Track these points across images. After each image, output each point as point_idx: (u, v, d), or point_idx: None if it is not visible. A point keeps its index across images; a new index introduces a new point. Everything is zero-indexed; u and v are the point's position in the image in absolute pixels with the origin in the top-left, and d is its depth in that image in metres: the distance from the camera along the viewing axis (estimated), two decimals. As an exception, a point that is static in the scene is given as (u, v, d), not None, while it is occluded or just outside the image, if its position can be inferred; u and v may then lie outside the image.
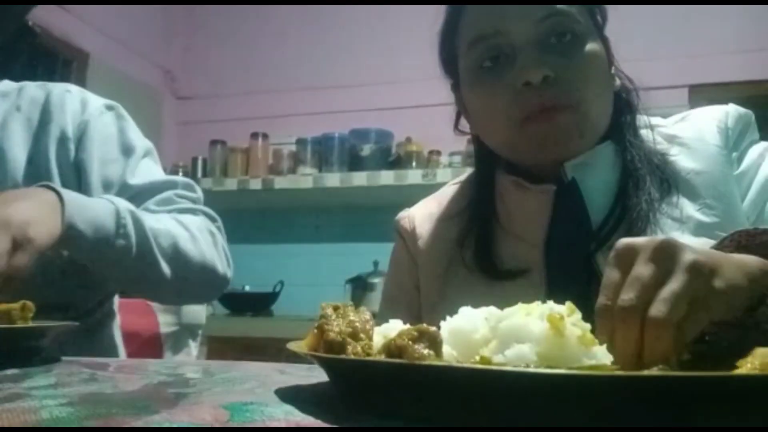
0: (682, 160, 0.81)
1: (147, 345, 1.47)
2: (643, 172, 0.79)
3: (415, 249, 0.92)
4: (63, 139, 1.00)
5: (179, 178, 1.08)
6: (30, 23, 1.08)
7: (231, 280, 1.06)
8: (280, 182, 2.99)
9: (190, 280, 0.97)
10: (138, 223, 0.88)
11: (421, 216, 0.95)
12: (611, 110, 0.82)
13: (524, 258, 0.82)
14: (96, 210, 0.85)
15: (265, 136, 3.12)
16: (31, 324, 0.67)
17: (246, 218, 3.31)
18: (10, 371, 0.57)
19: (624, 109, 0.84)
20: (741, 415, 0.33)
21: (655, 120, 0.87)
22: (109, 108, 1.07)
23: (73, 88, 1.08)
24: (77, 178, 1.00)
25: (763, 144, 0.83)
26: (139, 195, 1.01)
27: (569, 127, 0.77)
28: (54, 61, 2.68)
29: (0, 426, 0.35)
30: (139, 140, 1.08)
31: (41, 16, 1.01)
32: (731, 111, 0.84)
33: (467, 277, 0.85)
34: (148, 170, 1.05)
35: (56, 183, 0.97)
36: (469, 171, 0.97)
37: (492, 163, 0.89)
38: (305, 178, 2.96)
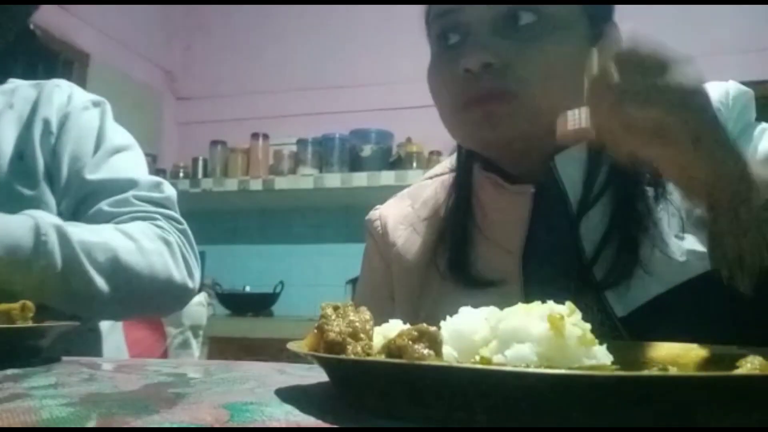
0: None
1: (152, 348, 1.47)
2: (637, 175, 0.74)
3: (388, 255, 0.87)
4: (46, 131, 1.00)
5: (145, 177, 1.01)
6: (30, 24, 1.08)
7: (195, 290, 0.99)
8: (281, 183, 3.00)
9: (138, 293, 0.91)
10: (64, 238, 0.82)
11: (394, 218, 0.89)
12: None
13: (500, 266, 0.76)
14: (10, 229, 0.80)
15: (265, 136, 3.13)
16: (31, 324, 0.67)
17: (246, 219, 3.32)
18: (10, 371, 0.57)
19: None
20: (741, 415, 0.33)
21: None
22: (95, 104, 1.05)
23: (63, 83, 1.07)
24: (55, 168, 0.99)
25: (761, 125, 0.79)
26: (95, 192, 0.97)
27: (504, 115, 0.71)
28: (54, 62, 2.68)
29: (0, 426, 0.35)
30: (117, 137, 1.04)
31: (41, 16, 1.01)
32: (732, 88, 0.79)
33: (443, 286, 0.80)
34: (116, 166, 1.00)
35: (40, 174, 0.97)
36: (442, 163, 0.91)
37: (470, 158, 0.83)
38: (306, 178, 2.97)
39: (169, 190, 1.02)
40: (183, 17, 3.54)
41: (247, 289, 3.09)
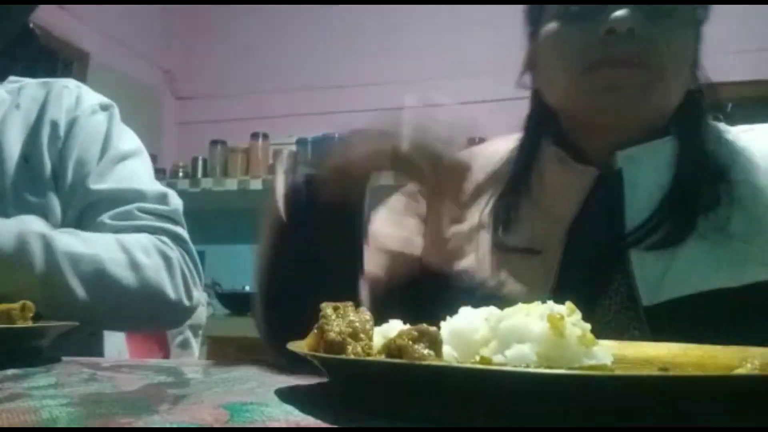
0: (746, 172, 0.75)
1: (154, 346, 1.47)
2: (697, 177, 0.74)
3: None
4: (54, 134, 0.98)
5: (151, 188, 0.99)
6: (30, 24, 1.07)
7: (193, 308, 0.98)
8: (281, 182, 2.99)
9: (126, 307, 0.90)
10: (49, 246, 0.83)
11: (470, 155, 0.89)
12: (678, 103, 0.77)
13: (543, 233, 0.77)
14: None
15: (265, 136, 3.12)
16: (31, 324, 0.67)
17: (246, 218, 3.31)
18: (10, 371, 0.57)
19: (693, 109, 0.79)
20: (741, 415, 0.33)
21: (721, 126, 0.82)
22: (104, 108, 1.04)
23: (71, 84, 1.05)
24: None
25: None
26: (99, 203, 0.96)
27: (635, 85, 0.72)
28: (54, 62, 2.68)
29: (0, 426, 0.35)
30: (123, 142, 1.02)
31: (41, 16, 1.00)
32: None
33: (484, 241, 0.81)
34: (121, 175, 0.98)
35: (47, 179, 0.95)
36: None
37: (541, 130, 0.84)
38: (305, 178, 2.96)
39: (175, 202, 1.01)
40: (183, 17, 3.54)
41: (247, 288, 3.09)
